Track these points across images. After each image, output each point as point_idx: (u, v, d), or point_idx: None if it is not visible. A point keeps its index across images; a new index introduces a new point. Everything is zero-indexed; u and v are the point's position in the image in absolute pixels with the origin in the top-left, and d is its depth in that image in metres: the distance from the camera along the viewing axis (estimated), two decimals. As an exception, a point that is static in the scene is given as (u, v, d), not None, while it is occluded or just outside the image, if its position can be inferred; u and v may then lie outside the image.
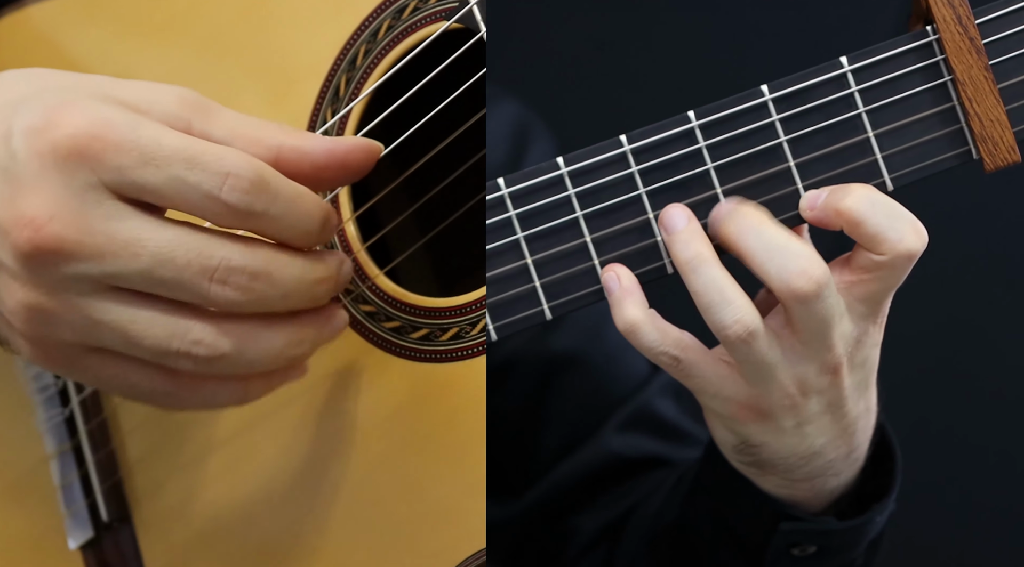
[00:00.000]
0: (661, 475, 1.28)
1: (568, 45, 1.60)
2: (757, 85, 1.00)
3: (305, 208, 0.95)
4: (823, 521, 1.10)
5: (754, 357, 0.98)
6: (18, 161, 0.93)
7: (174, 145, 0.92)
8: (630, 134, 1.00)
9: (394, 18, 1.07)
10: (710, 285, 0.97)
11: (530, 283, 1.00)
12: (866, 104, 0.99)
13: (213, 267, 0.93)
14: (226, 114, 0.97)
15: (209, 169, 0.92)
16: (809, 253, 0.97)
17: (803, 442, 1.03)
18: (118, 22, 1.18)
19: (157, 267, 0.93)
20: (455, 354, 1.03)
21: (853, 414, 1.04)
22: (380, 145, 1.00)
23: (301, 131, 0.98)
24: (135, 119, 0.93)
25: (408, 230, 1.13)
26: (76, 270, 0.93)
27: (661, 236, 1.00)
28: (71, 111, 0.92)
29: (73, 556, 1.19)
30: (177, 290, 0.93)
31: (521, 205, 0.99)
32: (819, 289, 0.96)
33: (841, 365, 1.00)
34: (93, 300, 0.94)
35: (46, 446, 1.20)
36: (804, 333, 0.98)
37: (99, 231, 0.92)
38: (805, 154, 1.00)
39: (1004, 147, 0.99)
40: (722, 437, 1.06)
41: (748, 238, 0.97)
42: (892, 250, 0.97)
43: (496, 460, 1.30)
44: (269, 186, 0.94)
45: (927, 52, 1.00)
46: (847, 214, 0.97)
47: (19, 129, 0.93)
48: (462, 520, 1.01)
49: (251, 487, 1.10)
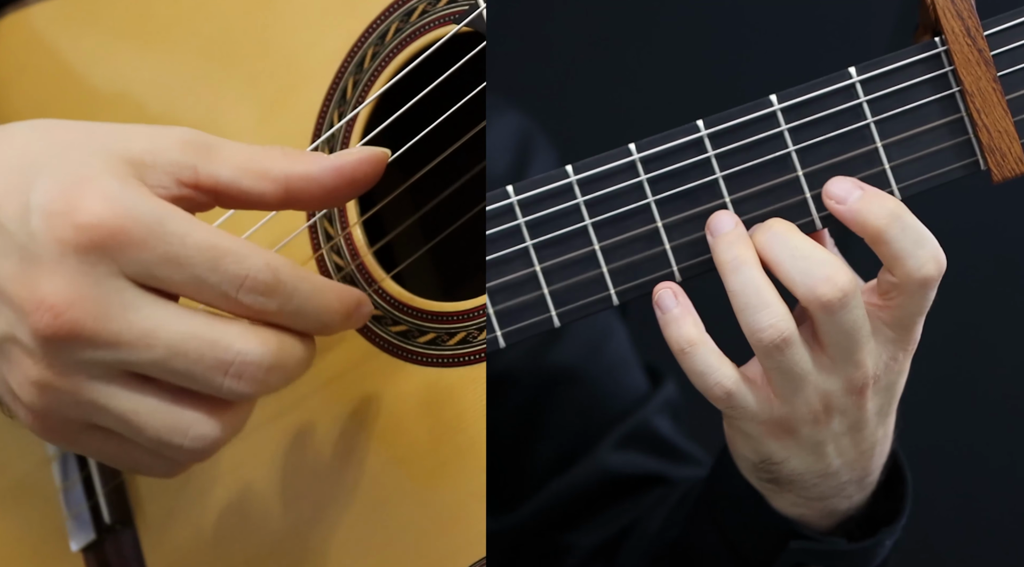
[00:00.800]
0: (659, 494, 1.28)
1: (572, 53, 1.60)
2: (763, 93, 1.00)
3: (323, 303, 0.97)
4: (832, 542, 1.10)
5: (786, 365, 0.98)
6: (38, 242, 0.93)
7: (198, 245, 0.93)
8: (639, 143, 1.00)
9: (402, 21, 1.07)
10: (748, 286, 0.97)
11: (538, 290, 1.00)
12: (875, 114, 1.00)
13: (228, 362, 0.94)
14: (228, 150, 0.97)
15: (228, 272, 0.94)
16: (835, 261, 0.97)
17: (821, 461, 1.03)
18: (121, 22, 1.17)
19: (170, 359, 0.94)
20: (462, 359, 1.03)
21: (872, 439, 1.04)
22: (387, 151, 1.00)
23: (305, 154, 0.99)
24: (158, 211, 0.93)
25: (414, 234, 1.13)
26: (92, 356, 0.94)
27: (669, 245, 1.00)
28: (91, 195, 0.93)
29: (75, 558, 1.19)
30: (189, 381, 0.95)
31: (530, 213, 0.99)
32: (844, 297, 0.97)
33: (868, 386, 1.00)
34: (102, 385, 0.95)
35: (48, 448, 1.20)
36: (830, 346, 0.99)
37: (117, 319, 0.93)
38: (814, 164, 1.00)
39: (1012, 158, 1.00)
40: (744, 454, 1.06)
41: (775, 247, 0.98)
42: (907, 276, 0.98)
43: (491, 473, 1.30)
44: (285, 287, 0.95)
45: (935, 63, 1.00)
46: (873, 230, 0.98)
47: (37, 208, 0.93)
48: (467, 526, 1.01)
49: (255, 490, 1.09)
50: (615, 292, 1.00)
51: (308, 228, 1.08)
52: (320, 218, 1.08)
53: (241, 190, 0.97)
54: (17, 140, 0.97)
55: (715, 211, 1.00)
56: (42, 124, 0.99)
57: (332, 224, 1.08)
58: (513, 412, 1.30)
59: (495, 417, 1.28)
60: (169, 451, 0.97)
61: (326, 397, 1.07)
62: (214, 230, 0.94)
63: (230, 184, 0.97)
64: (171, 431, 0.96)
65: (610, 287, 1.00)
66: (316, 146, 1.08)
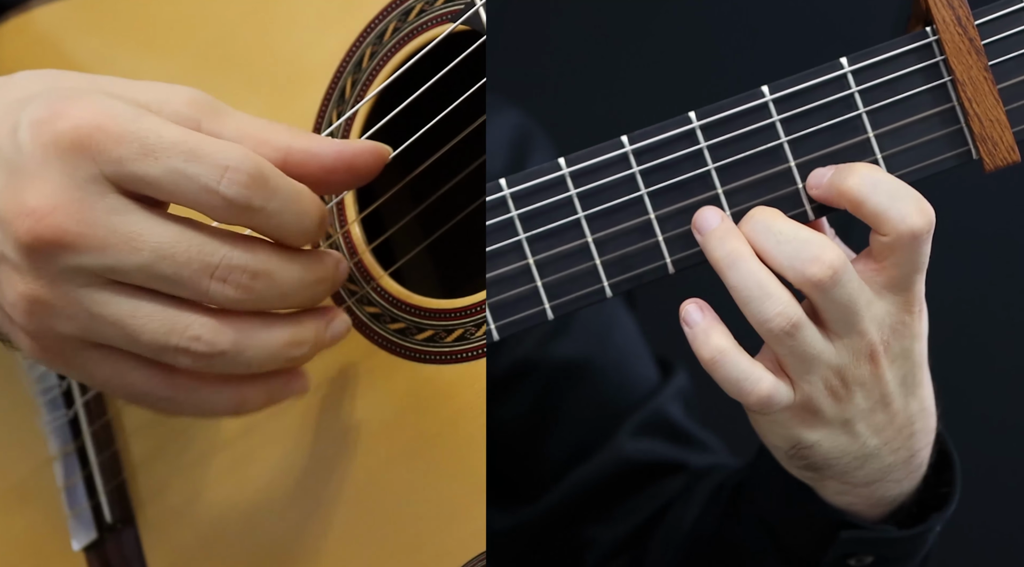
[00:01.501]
0: (681, 483, 1.27)
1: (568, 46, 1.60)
2: (757, 85, 1.00)
3: (303, 206, 0.96)
4: (883, 529, 1.09)
5: (799, 349, 0.98)
6: (23, 153, 0.93)
7: (174, 137, 0.93)
8: (631, 135, 1.00)
9: (400, 20, 1.08)
10: (749, 279, 0.97)
11: (532, 283, 1.00)
12: (866, 105, 1.00)
13: (214, 264, 0.93)
14: (236, 116, 0.97)
15: (208, 162, 0.93)
16: (820, 240, 0.97)
17: (856, 441, 1.03)
18: (123, 25, 1.18)
19: (157, 262, 0.93)
20: (460, 356, 1.03)
21: (905, 412, 1.03)
22: (388, 148, 1.00)
23: (310, 133, 0.99)
24: (137, 111, 0.93)
25: (412, 232, 1.13)
26: (77, 262, 0.93)
27: (662, 237, 1.00)
28: (77, 103, 0.93)
29: (77, 558, 1.19)
30: (177, 286, 0.94)
31: (523, 206, 1.00)
32: (835, 274, 0.97)
33: (878, 353, 1.00)
34: (93, 292, 0.94)
35: (50, 447, 1.20)
36: (831, 322, 0.98)
37: (100, 224, 0.92)
38: (806, 154, 1.00)
39: (1004, 147, 1.00)
40: (774, 442, 1.05)
41: (759, 235, 0.98)
42: (895, 230, 0.97)
43: (505, 468, 1.30)
44: (268, 181, 0.94)
45: (927, 53, 1.00)
46: (849, 194, 0.97)
47: (25, 121, 0.93)
48: (465, 522, 1.01)
49: (255, 489, 1.10)
50: (608, 284, 1.00)
51: (306, 226, 1.09)
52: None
53: None
54: (21, 81, 0.98)
55: (708, 202, 1.00)
56: (50, 72, 0.99)
57: (331, 222, 1.08)
58: (526, 406, 1.30)
59: (506, 413, 1.28)
60: (167, 355, 0.95)
61: (325, 395, 1.07)
62: (191, 130, 0.93)
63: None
64: (169, 331, 0.94)
65: (603, 279, 1.00)
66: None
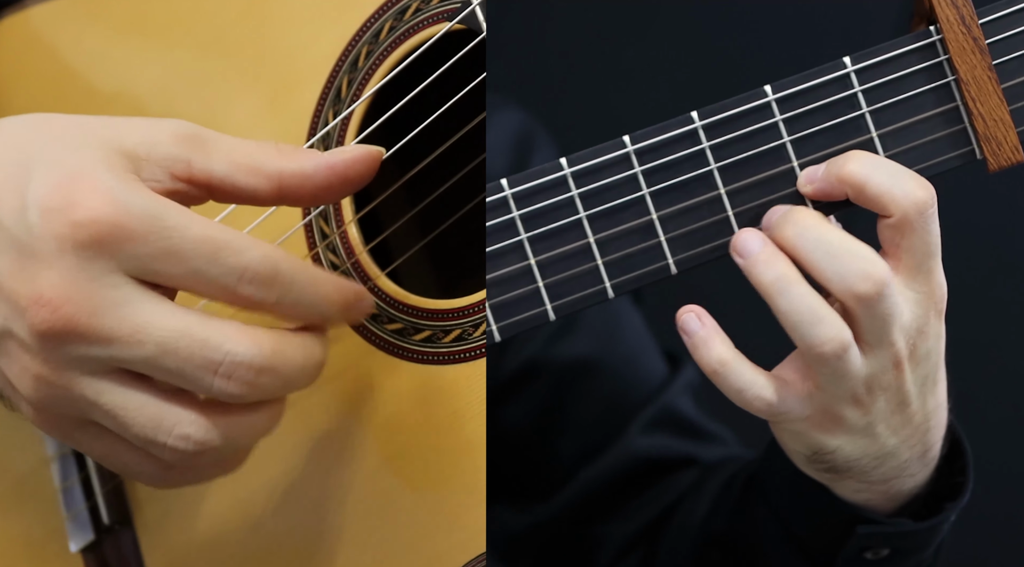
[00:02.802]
0: (692, 478, 1.27)
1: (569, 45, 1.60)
2: (759, 85, 1.00)
3: (321, 293, 0.97)
4: (900, 523, 1.09)
5: (843, 369, 0.98)
6: (35, 238, 0.93)
7: (196, 238, 0.93)
8: (633, 135, 1.00)
9: (396, 19, 1.07)
10: (800, 305, 0.97)
11: (533, 284, 1.00)
12: (869, 104, 1.00)
13: (217, 362, 0.94)
14: (223, 145, 0.97)
15: (227, 264, 0.93)
16: (868, 254, 0.97)
17: (875, 442, 1.02)
18: (119, 23, 1.18)
19: (161, 357, 0.94)
20: (458, 356, 1.03)
21: (923, 410, 1.03)
22: (381, 150, 1.00)
23: (299, 151, 0.99)
24: (155, 206, 0.93)
25: (409, 232, 1.13)
26: (85, 352, 0.94)
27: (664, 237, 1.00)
28: (88, 190, 0.93)
29: (74, 559, 1.19)
30: (180, 380, 0.95)
31: (524, 206, 0.99)
32: (882, 289, 0.96)
33: (903, 359, 0.99)
34: (94, 381, 0.95)
35: (47, 448, 1.20)
36: (866, 333, 0.98)
37: (109, 316, 0.93)
38: (808, 154, 1.00)
39: (1008, 147, 0.99)
40: (794, 449, 1.05)
41: (806, 244, 0.97)
42: (900, 207, 0.97)
43: (517, 468, 1.30)
44: (283, 278, 0.95)
45: (930, 52, 1.00)
46: (850, 178, 0.97)
47: (34, 204, 0.93)
48: (465, 523, 1.01)
49: (253, 490, 1.09)
50: (610, 285, 1.00)
51: (304, 226, 1.08)
52: (316, 216, 1.08)
53: (235, 185, 0.97)
54: (10, 134, 0.98)
55: (709, 202, 0.99)
56: (34, 118, 0.99)
57: (328, 222, 1.07)
58: (535, 406, 1.29)
59: (517, 413, 1.28)
60: (155, 449, 0.96)
61: (323, 396, 1.07)
62: (211, 223, 0.94)
63: (224, 179, 0.97)
64: (156, 428, 0.95)
65: (605, 280, 1.00)
66: (311, 144, 1.08)
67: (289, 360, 0.96)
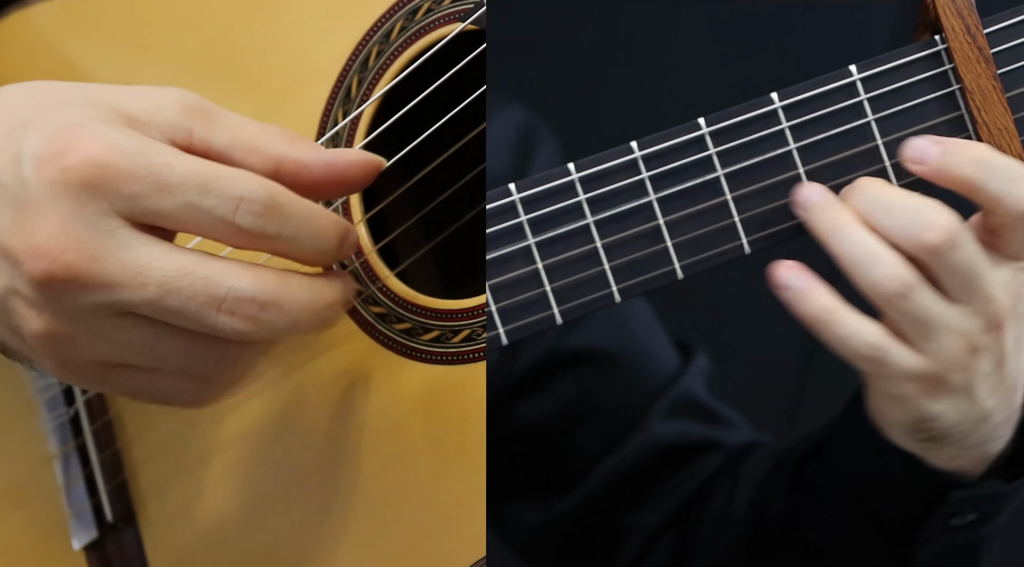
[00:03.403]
0: (715, 461, 1.27)
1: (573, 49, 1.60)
2: (765, 92, 1.00)
3: (319, 227, 0.96)
4: (992, 485, 1.07)
5: (915, 311, 0.97)
6: (29, 189, 0.93)
7: (186, 171, 0.92)
8: (641, 141, 1.00)
9: (407, 19, 1.07)
10: (855, 246, 0.97)
11: (540, 288, 1.00)
12: (875, 112, 1.00)
13: (220, 297, 0.93)
14: (227, 119, 0.96)
15: (222, 194, 0.92)
16: (931, 205, 0.96)
17: (976, 406, 1.01)
18: (124, 23, 1.17)
19: (164, 297, 0.93)
20: (466, 356, 1.03)
21: (1016, 371, 1.02)
22: (382, 160, 1.00)
23: (303, 141, 0.98)
24: (145, 144, 0.93)
25: (417, 233, 1.13)
26: (90, 300, 0.93)
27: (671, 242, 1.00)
28: (80, 137, 0.92)
29: (77, 557, 1.19)
30: (184, 319, 0.93)
31: (532, 211, 1.00)
32: (951, 238, 0.96)
33: (1004, 317, 0.98)
34: (113, 323, 0.94)
35: (50, 446, 1.20)
36: (953, 288, 0.97)
37: (109, 260, 0.92)
38: (815, 161, 1.00)
39: (1012, 155, 1.00)
40: (897, 419, 1.03)
41: (866, 205, 0.97)
42: (1009, 214, 0.97)
43: (538, 463, 1.30)
44: (282, 208, 0.94)
45: (936, 61, 1.00)
46: (961, 183, 0.97)
47: (28, 155, 0.93)
48: (471, 524, 1.01)
49: (258, 489, 1.09)
50: (617, 290, 1.00)
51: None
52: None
53: (232, 161, 0.96)
54: (10, 100, 0.97)
55: (715, 208, 1.00)
56: (33, 85, 0.98)
57: None
58: (551, 401, 1.29)
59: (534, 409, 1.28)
60: (197, 366, 0.95)
61: (329, 394, 1.07)
62: (202, 160, 0.93)
63: (222, 153, 0.95)
64: (192, 360, 0.94)
65: (612, 284, 1.00)
66: (321, 143, 1.08)
67: (294, 296, 0.95)
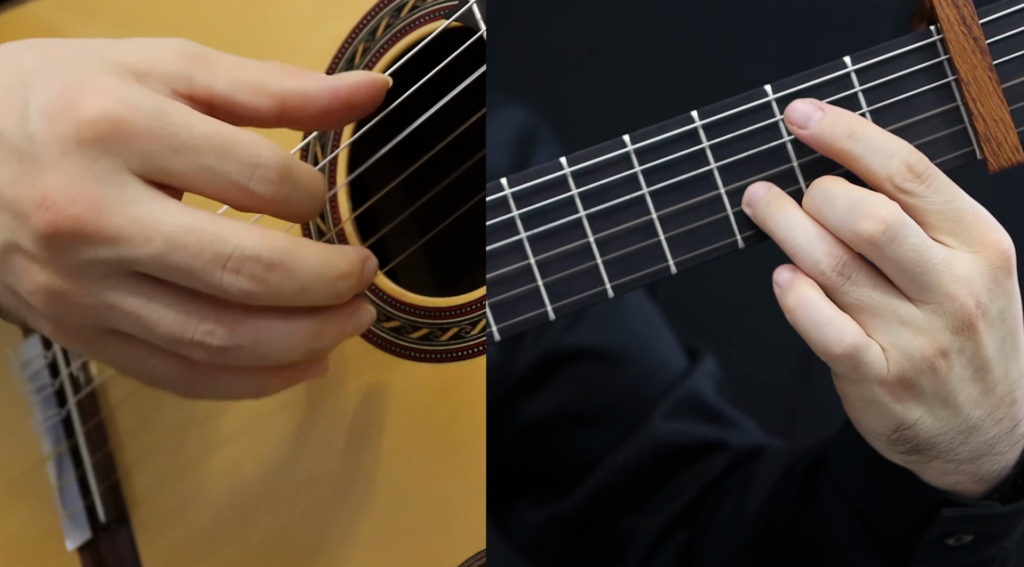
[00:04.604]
0: (720, 462, 1.26)
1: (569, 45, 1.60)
2: (759, 85, 1.00)
3: (318, 191, 0.95)
4: (987, 505, 1.05)
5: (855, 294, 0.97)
6: (37, 143, 0.91)
7: (205, 133, 0.92)
8: (633, 134, 0.99)
9: (392, 16, 1.07)
10: (791, 228, 0.97)
11: (533, 283, 1.00)
12: (869, 104, 0.99)
13: (226, 255, 0.91)
14: (226, 63, 0.96)
15: (238, 159, 0.92)
16: (872, 197, 0.96)
17: (957, 414, 1.00)
18: (115, 19, 1.18)
19: (169, 252, 0.91)
20: (455, 354, 1.02)
21: (1006, 380, 1.00)
22: (387, 79, 0.99)
23: (304, 72, 0.97)
24: (163, 103, 0.92)
25: (407, 230, 1.13)
26: (94, 254, 0.92)
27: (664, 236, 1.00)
28: (91, 91, 0.91)
29: (71, 557, 1.19)
30: (189, 278, 0.92)
31: (524, 205, 0.99)
32: (888, 228, 0.95)
33: (974, 316, 0.97)
34: (110, 284, 0.93)
35: (43, 447, 1.20)
36: (903, 283, 0.97)
37: (117, 214, 0.91)
38: (809, 154, 0.99)
39: (1008, 147, 0.99)
40: (874, 428, 1.02)
41: (813, 200, 0.97)
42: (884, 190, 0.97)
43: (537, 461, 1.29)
44: (293, 174, 0.93)
45: (931, 52, 1.00)
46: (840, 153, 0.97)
47: (36, 109, 0.92)
48: (464, 521, 1.01)
49: (250, 488, 1.09)
50: (610, 285, 1.00)
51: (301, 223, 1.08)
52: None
53: (236, 103, 0.95)
54: (11, 56, 0.96)
55: (709, 202, 0.99)
56: (35, 42, 0.97)
57: (324, 220, 1.07)
58: (552, 401, 1.29)
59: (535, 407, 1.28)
60: (184, 348, 0.94)
61: (320, 394, 1.07)
62: (219, 122, 0.93)
63: (225, 97, 0.95)
64: (184, 325, 0.93)
65: (605, 280, 1.00)
66: (308, 142, 1.08)
67: (302, 260, 0.93)
